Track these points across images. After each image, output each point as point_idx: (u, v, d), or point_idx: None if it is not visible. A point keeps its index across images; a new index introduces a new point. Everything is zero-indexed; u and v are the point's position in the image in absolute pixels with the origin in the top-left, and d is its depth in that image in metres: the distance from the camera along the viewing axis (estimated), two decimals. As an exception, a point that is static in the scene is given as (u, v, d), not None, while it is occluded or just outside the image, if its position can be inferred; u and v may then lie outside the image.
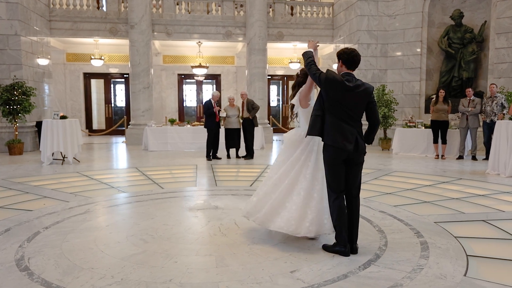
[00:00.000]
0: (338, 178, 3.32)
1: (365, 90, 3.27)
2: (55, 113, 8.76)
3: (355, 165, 3.34)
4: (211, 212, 4.70)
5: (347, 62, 3.33)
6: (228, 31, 14.11)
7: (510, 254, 3.37)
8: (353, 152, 3.26)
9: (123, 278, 2.88)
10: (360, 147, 3.29)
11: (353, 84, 3.25)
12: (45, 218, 4.46)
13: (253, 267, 3.09)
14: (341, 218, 3.31)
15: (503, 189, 6.04)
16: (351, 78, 3.29)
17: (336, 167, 3.32)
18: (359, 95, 3.26)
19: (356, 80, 3.30)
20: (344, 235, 3.31)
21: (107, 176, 7.24)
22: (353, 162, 3.33)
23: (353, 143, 3.24)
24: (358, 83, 3.28)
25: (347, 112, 3.26)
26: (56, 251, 3.40)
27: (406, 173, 7.56)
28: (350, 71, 3.34)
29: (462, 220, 4.39)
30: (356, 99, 3.26)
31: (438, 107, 9.40)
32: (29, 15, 11.70)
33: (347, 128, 3.26)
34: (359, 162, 3.36)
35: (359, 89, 3.25)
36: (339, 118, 3.27)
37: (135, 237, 3.80)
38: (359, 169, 3.40)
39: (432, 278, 2.88)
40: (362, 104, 3.29)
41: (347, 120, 3.27)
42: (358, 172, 3.39)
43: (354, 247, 3.36)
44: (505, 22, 10.69)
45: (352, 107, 3.26)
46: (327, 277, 2.91)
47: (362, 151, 3.31)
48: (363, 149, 3.31)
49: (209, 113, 9.20)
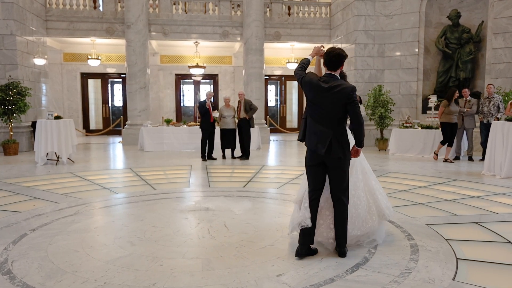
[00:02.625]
0: (314, 179, 3.33)
1: (341, 91, 3.15)
2: (49, 113, 8.72)
3: (332, 168, 3.27)
4: (201, 214, 4.65)
5: (327, 63, 3.29)
6: (225, 31, 14.07)
7: (501, 258, 3.33)
8: (325, 156, 3.22)
9: (106, 282, 2.83)
10: (333, 151, 3.19)
11: (328, 85, 3.19)
12: (33, 219, 4.42)
13: (239, 270, 3.04)
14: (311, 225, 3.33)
15: (498, 190, 6.00)
16: (329, 79, 3.24)
17: (311, 169, 3.32)
18: (334, 96, 3.17)
19: (335, 81, 3.22)
20: (301, 236, 3.30)
21: (100, 177, 7.20)
22: (330, 166, 3.27)
23: (325, 147, 3.19)
24: (335, 84, 3.19)
25: (323, 114, 3.22)
26: (41, 254, 3.36)
27: (402, 174, 7.52)
28: (331, 71, 3.28)
29: (455, 223, 4.34)
30: (332, 100, 3.18)
31: (451, 109, 8.84)
32: (25, 15, 11.66)
33: (322, 130, 3.22)
34: (335, 166, 3.25)
35: (334, 90, 3.16)
36: (315, 120, 3.26)
37: (123, 239, 3.76)
38: (338, 173, 3.27)
39: (420, 282, 2.84)
40: (338, 105, 3.17)
41: (322, 122, 3.24)
42: (337, 176, 3.28)
43: (341, 250, 3.30)
44: (502, 22, 10.65)
45: (328, 109, 3.20)
46: (314, 281, 2.87)
47: (335, 155, 3.19)
48: (336, 153, 3.19)
49: (203, 111, 9.16)
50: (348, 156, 3.27)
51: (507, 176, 6.96)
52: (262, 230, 4.04)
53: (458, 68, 11.77)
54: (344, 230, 3.33)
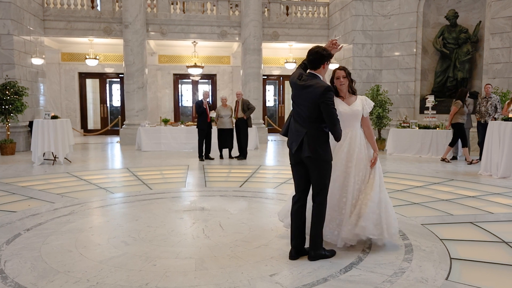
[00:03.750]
0: (295, 178, 3.35)
1: (313, 90, 3.10)
2: (46, 113, 8.70)
3: (308, 168, 3.21)
4: (196, 214, 4.65)
5: (307, 62, 3.28)
6: (223, 31, 14.06)
7: (495, 257, 3.32)
8: (297, 154, 3.21)
9: (99, 282, 2.82)
10: (304, 149, 3.13)
11: (303, 83, 3.18)
12: (28, 219, 4.41)
13: (232, 270, 3.04)
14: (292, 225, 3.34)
15: (494, 190, 6.00)
16: (307, 77, 3.21)
17: (293, 168, 3.35)
18: (307, 95, 3.14)
19: (311, 80, 3.18)
20: (292, 238, 3.31)
21: (97, 177, 7.19)
22: (307, 165, 3.21)
23: (297, 145, 3.17)
24: (309, 82, 3.15)
25: (299, 112, 3.22)
26: (34, 254, 3.35)
27: (399, 174, 7.51)
28: (312, 70, 3.25)
29: (450, 222, 4.34)
30: (306, 99, 3.15)
31: (464, 109, 8.69)
32: (22, 14, 11.64)
33: (298, 128, 3.22)
34: (310, 166, 3.19)
35: (308, 89, 3.14)
36: (294, 118, 3.29)
37: (117, 239, 3.75)
38: (312, 173, 3.19)
39: (413, 282, 2.84)
40: (311, 104, 3.12)
41: (298, 120, 3.24)
42: (312, 176, 3.20)
43: (310, 253, 3.23)
44: (500, 22, 10.65)
45: (303, 107, 3.18)
46: (307, 280, 2.87)
47: (304, 154, 3.13)
48: (306, 152, 3.12)
49: (200, 111, 9.15)
50: (324, 157, 3.16)
51: (504, 176, 6.96)
52: (257, 230, 4.03)
53: (455, 68, 11.78)
54: (315, 232, 3.23)
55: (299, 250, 3.29)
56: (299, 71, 3.33)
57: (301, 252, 3.29)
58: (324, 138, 3.18)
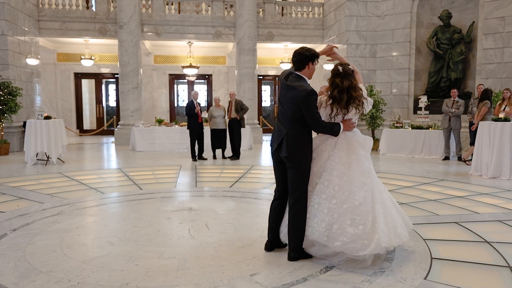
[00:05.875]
0: (276, 176, 3.42)
1: (296, 92, 3.15)
2: (39, 114, 8.71)
3: (287, 167, 3.25)
4: (184, 214, 4.67)
5: (292, 63, 3.34)
6: (218, 31, 14.08)
7: (475, 257, 3.35)
8: (276, 154, 3.29)
9: (80, 282, 2.85)
10: (283, 149, 3.18)
11: (288, 84, 3.23)
12: (15, 219, 4.42)
13: (214, 270, 3.06)
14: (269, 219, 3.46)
15: (483, 190, 6.03)
16: (294, 78, 3.26)
17: (274, 165, 3.42)
18: (291, 96, 3.19)
19: (296, 81, 3.22)
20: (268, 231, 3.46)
21: (89, 177, 7.20)
22: (285, 164, 3.26)
23: (277, 144, 3.24)
24: (294, 84, 3.20)
25: (283, 112, 3.27)
26: (18, 254, 3.37)
27: (390, 174, 7.54)
28: (297, 71, 3.29)
29: (435, 222, 4.37)
30: (289, 100, 3.20)
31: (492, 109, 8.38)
32: (17, 15, 11.64)
33: (280, 127, 3.28)
34: (287, 165, 3.23)
35: (292, 90, 3.19)
36: (278, 117, 3.36)
37: (102, 239, 3.77)
38: (290, 173, 3.23)
39: (391, 282, 2.86)
40: (293, 105, 3.16)
41: (281, 119, 3.29)
42: (290, 175, 3.23)
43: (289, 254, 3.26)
44: (493, 22, 10.70)
45: (286, 107, 3.23)
46: (287, 280, 2.89)
47: (282, 154, 3.20)
48: (283, 152, 3.18)
49: (190, 114, 9.17)
50: (302, 159, 3.19)
51: (493, 176, 7.00)
52: (243, 230, 4.06)
53: (449, 69, 11.82)
54: (293, 234, 3.23)
55: (274, 242, 3.44)
56: (290, 70, 3.37)
57: (275, 244, 3.44)
58: (305, 140, 3.21)
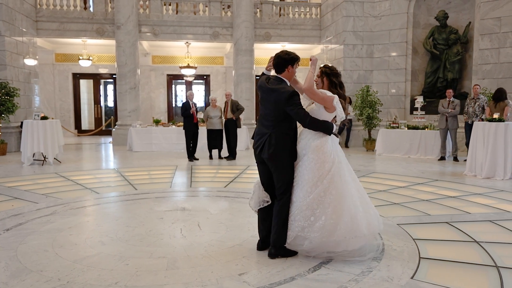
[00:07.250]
0: (260, 176, 3.45)
1: (278, 95, 3.20)
2: (35, 114, 8.73)
3: (270, 167, 3.31)
4: (177, 214, 4.69)
5: (273, 66, 3.37)
6: (215, 32, 14.10)
7: (463, 257, 3.37)
8: (258, 154, 3.33)
9: (69, 281, 2.87)
10: (265, 150, 3.24)
11: (269, 87, 3.27)
12: (9, 219, 4.45)
13: (203, 269, 3.09)
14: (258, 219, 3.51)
15: (476, 190, 6.06)
16: (274, 81, 3.31)
17: (257, 166, 3.46)
18: (273, 98, 3.24)
19: (278, 84, 3.27)
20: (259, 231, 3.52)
21: (85, 177, 7.23)
22: (268, 165, 3.32)
23: (260, 145, 3.29)
24: (276, 86, 3.25)
25: (265, 114, 3.33)
26: (10, 254, 3.40)
27: (385, 174, 7.57)
28: (277, 74, 3.34)
29: (426, 222, 4.40)
30: (272, 102, 3.25)
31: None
32: (14, 15, 11.66)
33: (261, 129, 3.35)
34: (270, 165, 3.29)
35: (274, 93, 3.24)
36: (259, 119, 3.42)
37: (94, 239, 3.80)
38: (273, 173, 3.29)
39: (378, 281, 2.89)
40: (276, 107, 3.22)
41: (263, 121, 3.35)
42: (274, 175, 3.30)
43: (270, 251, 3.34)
44: (489, 23, 10.72)
45: (268, 110, 3.29)
46: (274, 279, 2.92)
47: (263, 155, 3.26)
48: (266, 154, 3.23)
49: (186, 114, 9.19)
50: (284, 159, 3.24)
51: (488, 177, 7.03)
52: (234, 230, 4.09)
53: (446, 69, 11.85)
54: (276, 231, 3.29)
55: (265, 241, 3.46)
56: (268, 75, 3.44)
57: (266, 243, 3.45)
58: (286, 140, 3.26)
